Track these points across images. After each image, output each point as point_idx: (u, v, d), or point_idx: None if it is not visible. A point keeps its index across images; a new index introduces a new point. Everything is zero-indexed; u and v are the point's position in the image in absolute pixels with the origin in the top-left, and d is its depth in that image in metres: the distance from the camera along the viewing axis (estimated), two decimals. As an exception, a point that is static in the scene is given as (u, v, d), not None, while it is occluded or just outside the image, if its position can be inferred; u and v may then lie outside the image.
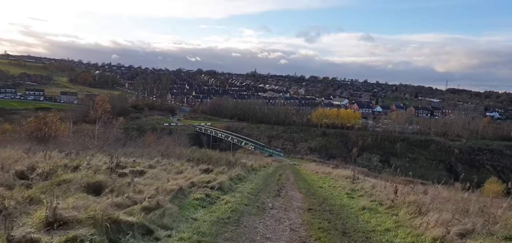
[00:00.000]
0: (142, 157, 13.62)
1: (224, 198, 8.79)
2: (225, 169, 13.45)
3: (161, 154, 14.74)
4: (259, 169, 21.23)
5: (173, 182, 8.64)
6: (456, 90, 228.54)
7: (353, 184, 13.87)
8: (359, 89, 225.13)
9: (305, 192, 12.48)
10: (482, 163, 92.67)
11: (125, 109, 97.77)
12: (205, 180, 10.07)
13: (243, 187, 11.52)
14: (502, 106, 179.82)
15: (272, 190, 12.14)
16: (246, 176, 14.93)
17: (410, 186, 10.96)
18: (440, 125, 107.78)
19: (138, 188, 7.10)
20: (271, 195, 10.86)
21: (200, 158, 15.22)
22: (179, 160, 14.54)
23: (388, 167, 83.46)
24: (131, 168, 10.33)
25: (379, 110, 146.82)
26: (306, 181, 17.31)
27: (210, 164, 14.32)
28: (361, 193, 11.86)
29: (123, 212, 5.29)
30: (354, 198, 11.21)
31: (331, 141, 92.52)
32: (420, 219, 6.96)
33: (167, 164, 12.85)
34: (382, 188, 11.90)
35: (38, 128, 17.98)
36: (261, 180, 15.03)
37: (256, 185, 12.84)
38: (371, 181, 16.13)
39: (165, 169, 11.42)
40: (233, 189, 10.87)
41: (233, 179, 12.46)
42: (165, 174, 10.35)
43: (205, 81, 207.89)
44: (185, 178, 10.02)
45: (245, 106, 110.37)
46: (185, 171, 11.51)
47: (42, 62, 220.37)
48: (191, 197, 8.07)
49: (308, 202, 10.20)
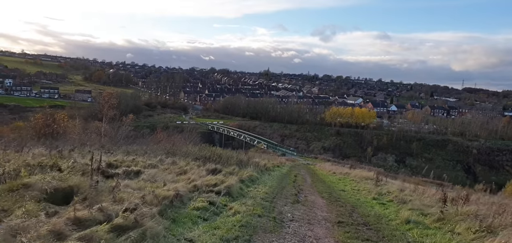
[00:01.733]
0: (144, 155, 12.41)
1: (233, 207, 7.31)
2: (235, 169, 12.27)
3: (167, 152, 13.64)
4: (273, 169, 20.10)
5: (170, 186, 7.24)
6: (472, 89, 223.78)
7: (377, 187, 12.68)
8: (373, 88, 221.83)
9: (327, 197, 11.20)
10: (501, 164, 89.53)
11: (138, 107, 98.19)
12: (211, 183, 8.75)
13: (256, 191, 10.21)
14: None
15: (289, 195, 10.88)
16: (259, 177, 13.73)
17: (444, 190, 9.68)
18: (457, 125, 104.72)
19: (120, 196, 5.60)
20: (288, 201, 9.58)
21: (208, 156, 13.82)
22: (185, 159, 13.36)
23: (403, 167, 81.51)
24: (125, 168, 9.14)
25: (394, 109, 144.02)
26: (325, 183, 16.11)
27: (219, 163, 13.13)
28: (389, 197, 10.63)
29: (77, 235, 3.76)
30: (385, 204, 9.89)
31: (345, 141, 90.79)
32: (491, 239, 5.50)
33: (170, 163, 11.69)
34: (411, 191, 10.67)
35: (46, 124, 17.40)
36: (275, 182, 13.81)
37: (270, 188, 11.57)
38: (394, 183, 14.89)
39: (166, 169, 10.27)
40: (244, 193, 9.48)
41: (244, 181, 11.22)
42: (165, 175, 9.24)
43: (218, 80, 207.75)
44: (187, 180, 8.80)
45: (258, 104, 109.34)
46: (190, 171, 10.28)
47: (58, 61, 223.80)
48: (190, 206, 6.60)
49: (334, 211, 8.71)
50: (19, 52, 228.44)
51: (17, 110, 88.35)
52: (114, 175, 8.21)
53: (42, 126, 17.01)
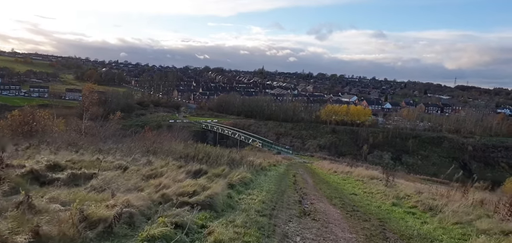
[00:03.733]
0: (116, 154, 10.60)
1: (213, 230, 4.94)
2: (225, 170, 10.47)
3: (147, 150, 12.10)
4: (269, 168, 18.79)
5: (120, 199, 5.00)
6: (465, 87, 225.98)
7: (390, 188, 11.46)
8: (367, 86, 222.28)
9: (340, 205, 9.24)
10: (497, 160, 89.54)
11: (130, 106, 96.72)
12: (188, 191, 6.57)
13: (250, 200, 8.04)
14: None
15: (291, 202, 9.08)
16: (253, 179, 12.10)
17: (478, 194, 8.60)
18: (452, 122, 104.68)
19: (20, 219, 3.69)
20: (293, 213, 7.59)
21: (194, 155, 12.00)
22: (165, 158, 11.53)
23: (400, 164, 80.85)
24: (74, 171, 7.18)
25: (389, 107, 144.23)
26: (330, 185, 14.52)
27: (207, 163, 11.41)
28: (410, 202, 9.32)
29: None
30: (414, 213, 8.27)
31: (340, 138, 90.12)
32: None
33: (144, 164, 9.95)
34: (432, 194, 9.60)
35: (24, 122, 16.17)
36: (273, 184, 12.07)
37: (268, 193, 9.64)
38: (404, 183, 13.88)
39: (136, 171, 8.37)
40: (233, 204, 7.23)
41: (235, 185, 9.23)
42: (126, 179, 7.28)
43: (212, 78, 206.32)
44: (156, 186, 6.77)
45: (253, 102, 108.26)
46: (165, 174, 8.31)
47: (49, 60, 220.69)
48: (141, 235, 4.23)
49: (360, 230, 6.63)
50: (9, 51, 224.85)
51: (3, 109, 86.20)
52: (54, 180, 6.53)
53: (19, 124, 15.80)
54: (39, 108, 30.52)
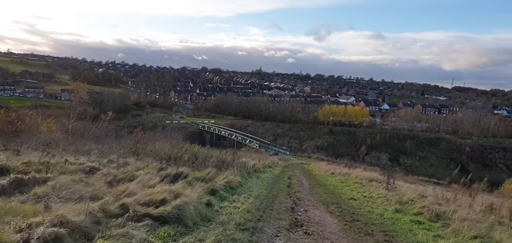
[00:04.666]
0: (91, 155, 9.61)
1: None
2: (211, 173, 9.63)
3: (131, 151, 11.37)
4: (263, 170, 18.11)
5: (57, 212, 4.02)
6: (462, 88, 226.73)
7: (391, 192, 10.78)
8: (365, 87, 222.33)
9: (338, 213, 8.37)
10: (494, 161, 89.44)
11: (126, 107, 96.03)
12: (156, 198, 5.62)
13: (233, 209, 7.11)
14: (509, 104, 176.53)
15: (282, 210, 8.06)
16: (243, 182, 11.23)
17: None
18: (450, 123, 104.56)
19: None
20: (282, 224, 6.61)
21: (178, 156, 10.93)
22: (146, 160, 10.70)
23: (397, 165, 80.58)
24: (18, 176, 6.00)
25: (386, 108, 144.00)
26: (327, 188, 13.75)
27: (193, 165, 10.59)
28: (415, 208, 8.67)
29: None
30: (422, 223, 7.43)
31: (338, 139, 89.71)
32: None
33: (120, 165, 9.03)
34: (434, 198, 9.02)
35: (8, 122, 15.59)
36: (264, 188, 11.27)
37: (256, 199, 8.70)
38: (404, 186, 13.29)
39: (105, 174, 7.40)
40: (210, 215, 6.17)
41: (218, 191, 8.22)
42: (93, 182, 6.42)
43: (209, 79, 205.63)
44: (118, 194, 5.86)
45: (250, 103, 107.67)
46: (138, 177, 7.40)
47: (45, 60, 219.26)
48: None
49: None
50: (4, 51, 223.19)
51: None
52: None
53: (5, 124, 15.19)
54: (33, 109, 29.87)
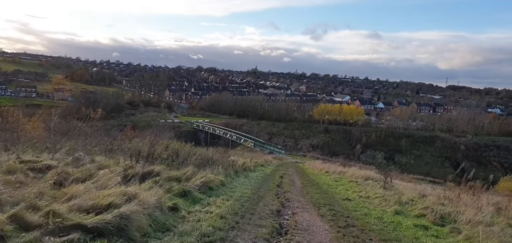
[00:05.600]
0: (56, 153, 8.71)
1: None
2: (189, 172, 8.76)
3: (105, 149, 10.65)
4: (254, 169, 17.46)
5: None
6: (456, 87, 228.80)
7: (389, 191, 10.14)
8: (360, 86, 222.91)
9: (329, 216, 7.49)
10: (488, 159, 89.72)
11: (120, 106, 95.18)
12: (101, 203, 4.60)
13: (204, 213, 6.11)
14: (502, 103, 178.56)
15: (266, 214, 7.11)
16: (227, 181, 10.37)
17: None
18: (445, 121, 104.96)
19: None
20: (262, 233, 5.64)
21: (152, 153, 9.95)
22: (118, 157, 9.71)
23: (392, 164, 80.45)
24: None
25: (381, 106, 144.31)
26: (320, 187, 12.99)
27: (173, 162, 9.82)
28: (416, 209, 7.99)
29: None
30: (428, 228, 6.66)
31: (333, 138, 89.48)
32: None
33: (85, 163, 8.03)
34: (436, 197, 8.53)
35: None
36: (250, 189, 10.43)
37: (236, 202, 7.72)
38: (402, 184, 12.83)
39: (58, 174, 6.24)
40: (171, 222, 5.16)
41: (191, 192, 7.23)
42: (35, 183, 5.40)
43: (205, 78, 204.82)
44: (55, 198, 4.77)
45: (245, 102, 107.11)
46: (94, 177, 6.40)
47: (39, 59, 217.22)
48: None
49: None
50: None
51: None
52: None
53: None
54: (19, 107, 29.07)
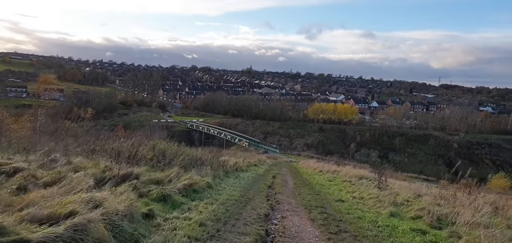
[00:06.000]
0: (31, 154, 7.86)
1: None
2: (172, 174, 8.23)
3: (89, 149, 10.14)
4: (247, 169, 17.07)
5: None
6: (449, 86, 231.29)
7: (383, 191, 9.89)
8: (354, 85, 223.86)
9: (320, 220, 7.11)
10: (481, 157, 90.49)
11: (112, 106, 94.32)
12: (60, 212, 3.91)
13: (182, 220, 5.51)
14: (493, 101, 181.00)
15: (253, 218, 6.64)
16: (215, 183, 9.80)
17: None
18: (438, 120, 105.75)
19: None
20: (246, 240, 5.28)
21: (132, 154, 9.22)
22: (97, 158, 8.91)
23: (386, 162, 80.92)
24: None
25: (375, 105, 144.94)
26: (312, 187, 12.73)
27: (158, 163, 9.29)
28: (412, 211, 7.65)
29: None
30: (425, 232, 6.31)
31: (328, 137, 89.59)
32: None
33: (61, 165, 7.25)
34: (431, 197, 8.33)
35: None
36: (239, 190, 9.88)
37: (221, 206, 7.16)
38: (395, 183, 12.65)
39: (24, 177, 5.67)
40: (140, 233, 4.60)
41: (170, 196, 6.67)
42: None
43: (199, 78, 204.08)
44: (10, 204, 4.20)
45: (240, 101, 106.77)
46: (66, 179, 5.69)
47: (30, 59, 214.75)
48: None
49: None
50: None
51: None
52: None
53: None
54: (15, 108, 28.57)
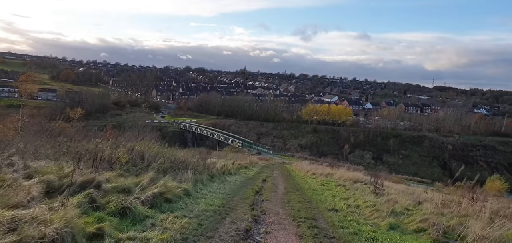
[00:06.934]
0: None
1: None
2: (146, 180, 7.34)
3: (63, 151, 9.38)
4: (236, 172, 16.35)
5: None
6: (442, 88, 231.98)
7: (380, 198, 9.10)
8: (348, 86, 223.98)
9: (310, 236, 6.04)
10: (475, 159, 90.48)
11: (105, 106, 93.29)
12: None
13: (137, 241, 4.67)
14: (487, 103, 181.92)
15: (229, 236, 5.64)
16: (195, 189, 8.84)
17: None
18: (432, 121, 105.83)
19: None
20: None
21: (97, 157, 8.30)
22: (63, 162, 7.86)
23: (381, 164, 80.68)
24: None
25: (369, 106, 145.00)
26: (304, 193, 11.84)
27: (134, 167, 8.50)
28: (414, 222, 6.84)
29: None
30: None
31: (322, 138, 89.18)
32: None
33: (17, 169, 6.51)
34: (432, 204, 7.65)
35: None
36: (222, 198, 8.89)
37: (193, 220, 6.09)
38: (392, 187, 12.02)
39: None
40: None
41: (131, 210, 5.55)
42: None
43: (193, 78, 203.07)
44: None
45: (233, 102, 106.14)
46: (5, 187, 4.86)
47: (23, 59, 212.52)
48: None
49: None
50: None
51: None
52: None
53: None
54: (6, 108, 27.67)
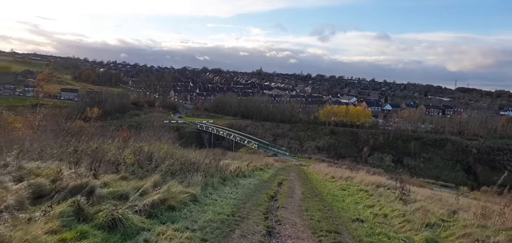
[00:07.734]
0: None
1: None
2: (148, 184, 6.61)
3: (70, 152, 8.73)
4: (250, 174, 15.58)
5: None
6: (466, 89, 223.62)
7: (407, 205, 8.15)
8: (366, 87, 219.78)
9: None
10: (503, 163, 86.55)
11: (124, 106, 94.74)
12: None
13: None
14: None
15: None
16: (204, 194, 8.17)
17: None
18: (455, 124, 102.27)
19: None
20: None
21: (120, 159, 7.91)
22: (62, 163, 7.07)
23: (401, 167, 78.45)
24: None
25: (389, 108, 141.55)
26: (323, 200, 10.79)
27: (140, 168, 7.97)
28: (453, 236, 6.03)
29: None
30: None
31: (340, 140, 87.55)
32: None
33: (10, 171, 5.58)
34: (471, 214, 6.77)
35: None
36: (233, 204, 8.02)
37: (196, 234, 5.32)
38: (418, 193, 11.03)
39: None
40: None
41: (122, 221, 4.76)
42: None
43: (210, 79, 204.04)
44: None
45: (249, 103, 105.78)
46: None
47: (48, 60, 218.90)
48: None
49: None
50: (8, 51, 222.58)
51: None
52: None
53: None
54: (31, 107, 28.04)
